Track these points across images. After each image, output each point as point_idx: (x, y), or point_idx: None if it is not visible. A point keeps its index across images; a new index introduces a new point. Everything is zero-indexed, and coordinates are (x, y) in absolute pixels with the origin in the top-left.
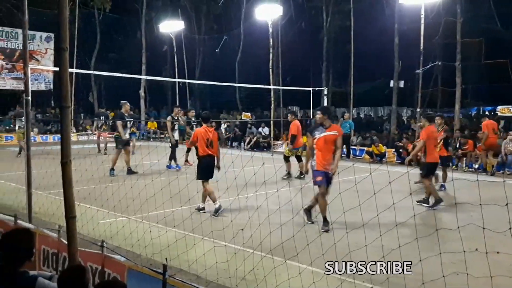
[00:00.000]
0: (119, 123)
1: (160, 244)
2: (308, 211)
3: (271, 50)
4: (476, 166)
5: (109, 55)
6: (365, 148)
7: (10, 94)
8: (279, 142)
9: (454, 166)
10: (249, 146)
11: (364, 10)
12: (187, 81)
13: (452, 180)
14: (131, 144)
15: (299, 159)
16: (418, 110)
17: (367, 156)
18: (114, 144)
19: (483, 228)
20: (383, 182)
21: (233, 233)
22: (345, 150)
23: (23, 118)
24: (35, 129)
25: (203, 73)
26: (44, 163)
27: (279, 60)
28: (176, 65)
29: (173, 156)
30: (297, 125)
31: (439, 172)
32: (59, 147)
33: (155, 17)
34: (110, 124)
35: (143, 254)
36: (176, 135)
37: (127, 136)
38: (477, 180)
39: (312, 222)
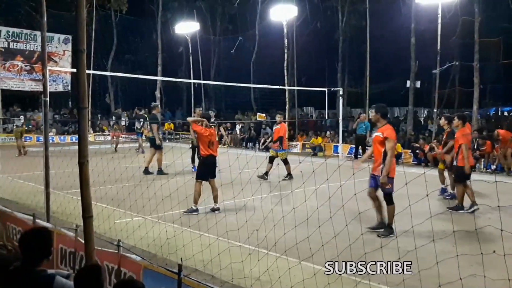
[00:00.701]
0: (154, 126)
1: (175, 244)
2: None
3: (286, 51)
4: (494, 167)
5: (125, 56)
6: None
7: (29, 95)
8: (294, 143)
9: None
10: (263, 146)
11: (380, 9)
12: (202, 82)
13: (469, 181)
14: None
15: (285, 161)
16: (435, 110)
17: None
18: (148, 144)
19: (501, 230)
20: (399, 184)
21: (248, 233)
22: (360, 151)
23: (21, 117)
24: (53, 130)
25: (218, 74)
26: (61, 163)
27: (294, 60)
28: (191, 66)
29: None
30: (285, 127)
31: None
32: (76, 147)
33: (171, 18)
34: (126, 124)
35: (158, 253)
36: None
37: (161, 136)
38: (495, 181)
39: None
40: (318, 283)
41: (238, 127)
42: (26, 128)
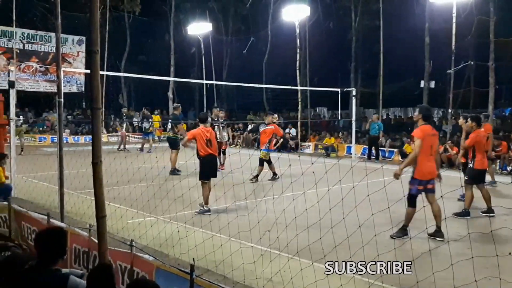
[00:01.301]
0: (180, 126)
1: (187, 244)
2: (439, 230)
3: (298, 51)
4: (510, 168)
5: (138, 57)
6: (395, 150)
7: (44, 96)
8: (306, 143)
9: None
10: (275, 147)
11: (393, 9)
12: (214, 82)
13: (485, 183)
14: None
15: (269, 161)
16: (449, 111)
17: (396, 158)
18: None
19: None
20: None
21: (260, 234)
22: (374, 151)
23: (21, 117)
24: (67, 130)
25: (230, 74)
26: (75, 164)
27: (306, 60)
28: (203, 67)
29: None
30: (277, 128)
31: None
32: (90, 147)
33: (183, 19)
34: (139, 124)
35: (171, 254)
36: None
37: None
38: (511, 183)
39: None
40: (330, 284)
41: (250, 127)
42: (40, 128)
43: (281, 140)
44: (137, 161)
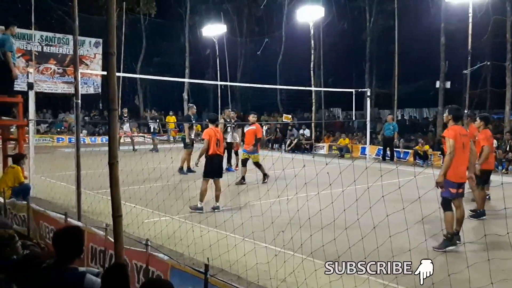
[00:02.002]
0: (186, 125)
1: (202, 244)
2: (456, 234)
3: (312, 52)
4: None
5: (154, 59)
6: (410, 151)
7: (62, 97)
8: (320, 144)
9: (504, 170)
10: (290, 148)
11: (408, 9)
12: (228, 83)
13: (502, 184)
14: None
15: (258, 164)
16: (465, 111)
17: (411, 159)
18: (182, 145)
19: None
20: (428, 186)
21: (274, 234)
22: (388, 152)
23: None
24: (84, 131)
25: (245, 75)
26: (92, 164)
27: (320, 61)
28: (218, 68)
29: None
30: (260, 128)
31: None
32: (106, 148)
33: (198, 21)
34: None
35: (185, 253)
36: (229, 137)
37: (192, 136)
38: None
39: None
40: (344, 285)
41: (264, 128)
42: (58, 129)
43: (295, 141)
44: (153, 161)
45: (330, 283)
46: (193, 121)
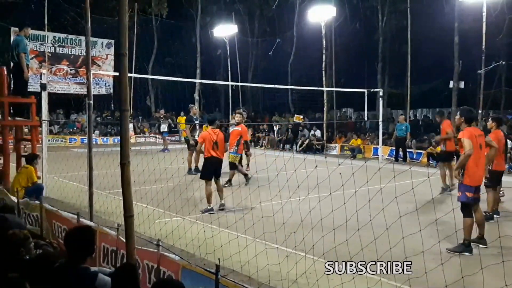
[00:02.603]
0: (187, 126)
1: (213, 245)
2: (481, 237)
3: (324, 52)
4: None
5: (165, 59)
6: (423, 152)
7: (74, 98)
8: (332, 145)
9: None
10: (301, 148)
11: (421, 9)
12: (240, 84)
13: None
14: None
15: (234, 166)
16: (479, 112)
17: (424, 160)
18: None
19: None
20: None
21: (285, 235)
22: (401, 153)
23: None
24: (97, 131)
25: (256, 75)
26: (104, 164)
27: (332, 61)
28: (229, 69)
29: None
30: (246, 129)
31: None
32: (118, 148)
33: (210, 22)
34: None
35: (196, 253)
36: None
37: (196, 137)
38: None
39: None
40: (357, 286)
41: (275, 128)
42: (71, 130)
43: (307, 141)
44: (164, 161)
45: (342, 285)
46: (195, 122)
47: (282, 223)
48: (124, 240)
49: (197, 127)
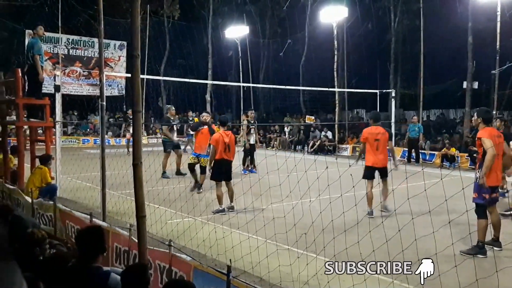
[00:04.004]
0: (165, 127)
1: (224, 245)
2: (496, 240)
3: (335, 53)
4: None
5: (177, 61)
6: (435, 153)
7: (87, 99)
8: (343, 146)
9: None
10: (312, 149)
11: (434, 8)
12: (251, 85)
13: None
14: (182, 147)
15: (204, 170)
16: (494, 112)
17: (437, 161)
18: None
19: None
20: (455, 189)
21: (296, 237)
22: (414, 154)
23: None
24: (109, 133)
25: (267, 76)
26: (117, 165)
27: (344, 62)
28: (241, 70)
29: (248, 160)
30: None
31: None
32: (131, 149)
33: (221, 23)
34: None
35: (208, 254)
36: (252, 139)
37: (175, 139)
38: None
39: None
40: None
41: (286, 129)
42: (84, 131)
43: (318, 142)
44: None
45: (353, 286)
46: (173, 123)
47: (293, 224)
48: (136, 241)
49: (175, 128)
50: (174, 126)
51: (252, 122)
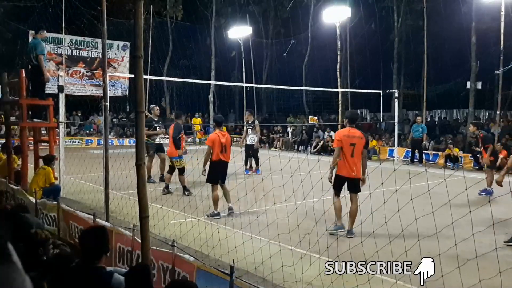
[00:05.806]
0: (145, 129)
1: (227, 246)
2: None
3: (339, 53)
4: None
5: (180, 61)
6: (439, 153)
7: (90, 100)
8: None
9: None
10: (315, 150)
11: (438, 8)
12: (254, 85)
13: None
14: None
15: (179, 170)
16: (497, 112)
17: (441, 162)
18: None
19: None
20: (458, 190)
21: (300, 237)
22: (417, 155)
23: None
24: (112, 133)
25: (270, 77)
26: (120, 165)
27: (347, 62)
28: (244, 70)
29: (250, 160)
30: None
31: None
32: (134, 150)
33: (224, 23)
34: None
35: (211, 254)
36: (249, 140)
37: (158, 141)
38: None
39: None
40: None
41: (289, 130)
42: (87, 131)
43: (321, 142)
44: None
45: (357, 287)
46: (155, 124)
47: (296, 224)
48: (140, 241)
49: (158, 129)
50: (158, 127)
51: (250, 122)
